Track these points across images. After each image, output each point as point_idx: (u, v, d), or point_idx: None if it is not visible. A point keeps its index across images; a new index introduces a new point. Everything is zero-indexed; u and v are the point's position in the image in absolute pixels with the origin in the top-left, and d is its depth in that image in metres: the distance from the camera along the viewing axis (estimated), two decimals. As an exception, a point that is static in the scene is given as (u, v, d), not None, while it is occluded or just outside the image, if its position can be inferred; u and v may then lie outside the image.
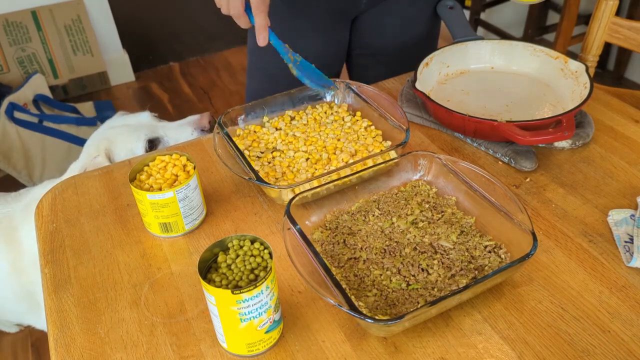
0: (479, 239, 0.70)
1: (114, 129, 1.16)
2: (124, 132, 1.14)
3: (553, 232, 0.74)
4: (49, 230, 0.79)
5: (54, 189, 0.86)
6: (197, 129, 1.13)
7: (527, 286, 0.67)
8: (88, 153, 1.15)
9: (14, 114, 2.12)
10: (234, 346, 0.60)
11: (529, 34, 2.55)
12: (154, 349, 0.62)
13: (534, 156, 0.85)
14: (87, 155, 1.15)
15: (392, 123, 0.86)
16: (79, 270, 0.72)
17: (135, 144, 1.10)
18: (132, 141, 1.10)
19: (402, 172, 0.80)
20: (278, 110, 0.95)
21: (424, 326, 0.63)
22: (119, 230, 0.78)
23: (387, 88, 1.07)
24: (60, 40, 2.52)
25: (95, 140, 1.17)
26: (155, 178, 0.75)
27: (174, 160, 0.77)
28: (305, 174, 0.81)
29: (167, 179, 0.74)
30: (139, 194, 0.72)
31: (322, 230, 0.74)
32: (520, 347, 0.60)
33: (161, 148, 1.09)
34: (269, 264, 0.58)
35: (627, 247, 0.70)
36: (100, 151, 1.11)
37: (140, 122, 1.16)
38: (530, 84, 1.01)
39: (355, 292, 0.65)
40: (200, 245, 0.75)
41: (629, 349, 0.59)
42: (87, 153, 1.16)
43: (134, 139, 1.11)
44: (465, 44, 1.04)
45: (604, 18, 1.18)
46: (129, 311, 0.66)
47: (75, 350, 0.62)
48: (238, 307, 0.55)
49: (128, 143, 1.11)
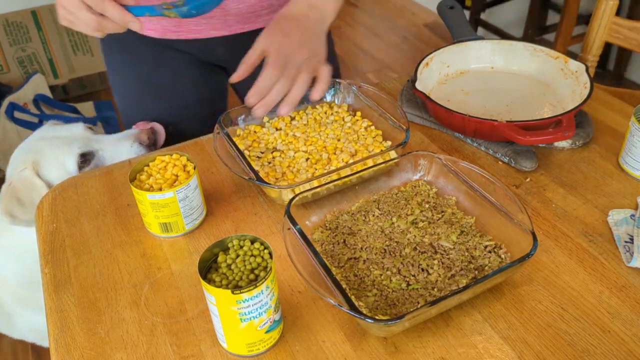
0: (479, 239, 0.70)
1: (44, 141, 1.04)
2: (54, 144, 1.02)
3: (553, 232, 0.74)
4: (49, 231, 0.79)
5: (54, 189, 0.86)
6: (135, 142, 1.03)
7: (527, 286, 0.67)
8: (14, 166, 1.04)
9: (14, 114, 2.12)
10: (234, 346, 0.60)
11: (529, 34, 2.55)
12: (154, 349, 0.62)
13: (534, 156, 0.85)
14: (13, 168, 1.04)
15: (392, 123, 0.86)
16: (79, 270, 0.72)
17: (66, 158, 0.99)
18: (63, 155, 1.00)
19: (402, 172, 0.80)
20: (278, 110, 0.95)
21: (424, 326, 0.63)
22: (119, 230, 0.78)
23: (387, 88, 1.07)
24: (60, 40, 2.52)
25: (23, 152, 1.05)
26: (155, 178, 0.75)
27: (174, 160, 0.77)
28: (305, 174, 0.81)
29: (167, 179, 0.74)
30: (139, 194, 0.72)
31: (322, 230, 0.74)
32: (521, 347, 0.60)
33: (97, 163, 1.01)
34: (269, 264, 0.58)
35: (627, 247, 0.70)
36: (27, 164, 1.01)
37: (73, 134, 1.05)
38: (530, 84, 1.01)
39: (356, 292, 0.65)
40: (200, 245, 0.75)
41: (629, 349, 0.59)
42: (13, 166, 1.05)
43: (64, 153, 1.00)
44: (465, 44, 1.04)
45: (604, 18, 1.18)
46: (129, 311, 0.66)
47: (76, 350, 0.62)
48: (238, 307, 0.55)
49: (58, 156, 1.00)
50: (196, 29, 0.94)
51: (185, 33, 0.94)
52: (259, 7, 0.93)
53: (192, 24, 0.92)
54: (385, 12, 3.41)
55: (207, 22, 0.92)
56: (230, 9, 0.90)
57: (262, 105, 0.71)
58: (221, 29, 0.95)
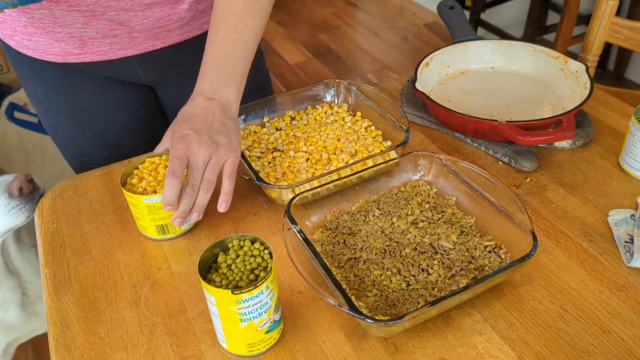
0: (479, 239, 0.70)
1: None
2: None
3: (553, 232, 0.74)
4: (49, 231, 0.79)
5: (54, 189, 0.86)
6: (5, 192, 0.87)
7: (527, 286, 0.67)
8: None
9: (14, 114, 2.12)
10: (234, 346, 0.60)
11: (529, 34, 2.55)
12: (154, 349, 0.62)
13: (534, 156, 0.85)
14: None
15: (392, 123, 0.86)
16: (79, 271, 0.72)
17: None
18: None
19: (402, 172, 0.80)
20: (278, 111, 0.95)
21: (424, 326, 0.63)
22: (119, 231, 0.78)
23: (387, 88, 1.07)
24: (60, 40, 2.51)
25: None
26: (147, 181, 0.74)
27: (165, 161, 0.76)
28: (305, 174, 0.81)
29: (160, 180, 0.74)
30: (134, 198, 0.72)
31: (322, 230, 0.74)
32: (521, 347, 0.60)
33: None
34: (269, 264, 0.58)
35: (627, 247, 0.70)
36: None
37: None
38: (530, 84, 1.01)
39: (356, 292, 0.65)
40: (200, 245, 0.75)
41: (629, 349, 0.59)
42: None
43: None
44: (465, 44, 1.04)
45: (604, 18, 1.18)
46: (129, 311, 0.66)
47: (76, 350, 0.62)
48: (238, 307, 0.55)
49: None
50: (100, 50, 0.88)
51: (90, 55, 0.88)
52: (167, 22, 0.87)
53: (94, 45, 0.87)
54: (385, 12, 3.41)
55: (111, 41, 0.86)
56: (134, 25, 0.84)
57: (176, 217, 0.70)
58: (129, 47, 0.89)
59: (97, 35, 0.85)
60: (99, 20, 0.82)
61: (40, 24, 0.82)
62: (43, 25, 0.82)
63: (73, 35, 0.84)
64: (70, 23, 0.82)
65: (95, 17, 0.82)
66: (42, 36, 0.85)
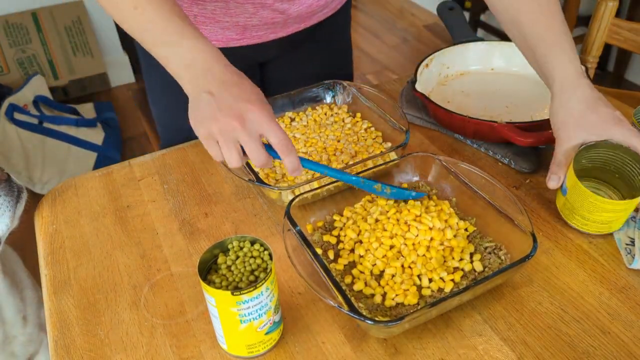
0: (479, 240, 0.70)
1: None
2: None
3: (553, 234, 0.74)
4: (49, 232, 0.79)
5: (54, 190, 0.86)
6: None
7: (527, 287, 0.67)
8: None
9: (14, 115, 2.12)
10: (234, 347, 0.60)
11: (529, 35, 2.55)
12: (153, 350, 0.62)
13: (534, 157, 0.85)
14: None
15: (392, 124, 0.86)
16: (79, 272, 0.72)
17: None
18: None
19: (402, 173, 0.80)
20: (278, 112, 0.95)
21: (424, 327, 0.63)
22: (119, 232, 0.78)
23: (387, 89, 1.07)
24: (60, 41, 2.52)
25: None
26: None
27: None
28: (305, 175, 0.81)
29: None
30: None
31: (322, 231, 0.73)
32: (521, 349, 0.60)
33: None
34: (269, 266, 0.58)
35: (628, 249, 0.70)
36: None
37: None
38: (530, 85, 1.01)
39: (355, 294, 0.65)
40: (199, 246, 0.75)
41: (629, 351, 0.59)
42: None
43: None
44: (465, 45, 1.04)
45: (604, 19, 1.18)
46: (129, 312, 0.66)
47: (75, 351, 0.62)
48: (238, 309, 0.55)
49: None
50: (256, 34, 0.94)
51: (247, 39, 0.95)
52: (316, 7, 0.95)
53: (253, 30, 0.93)
54: (385, 14, 3.42)
55: (268, 27, 0.93)
56: (291, 12, 0.91)
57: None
58: (280, 31, 0.96)
59: (259, 23, 0.91)
60: (265, 10, 0.89)
61: (211, 14, 0.88)
62: (214, 16, 0.89)
63: (239, 24, 0.91)
64: (240, 14, 0.89)
65: (263, 8, 0.89)
66: (209, 25, 0.91)
